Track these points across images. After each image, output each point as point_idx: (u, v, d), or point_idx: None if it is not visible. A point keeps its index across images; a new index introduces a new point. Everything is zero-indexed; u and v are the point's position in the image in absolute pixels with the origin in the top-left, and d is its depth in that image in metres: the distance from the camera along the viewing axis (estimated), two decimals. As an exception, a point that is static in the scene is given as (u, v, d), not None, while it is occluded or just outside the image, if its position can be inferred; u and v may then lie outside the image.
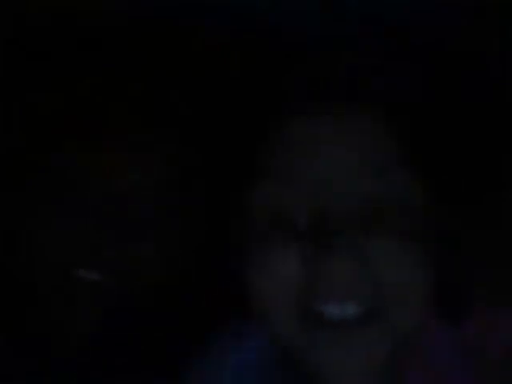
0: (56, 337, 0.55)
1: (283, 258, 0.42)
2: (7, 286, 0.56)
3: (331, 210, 0.41)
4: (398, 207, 0.42)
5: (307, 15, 0.45)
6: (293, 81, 0.44)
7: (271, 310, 0.43)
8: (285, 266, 0.42)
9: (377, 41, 0.45)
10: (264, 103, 0.46)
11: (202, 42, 0.52)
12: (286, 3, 0.46)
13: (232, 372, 0.52)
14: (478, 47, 0.48)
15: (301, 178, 0.42)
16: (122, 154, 0.54)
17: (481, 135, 0.50)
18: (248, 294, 0.44)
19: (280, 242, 0.42)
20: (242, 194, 0.45)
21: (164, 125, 0.55)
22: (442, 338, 0.48)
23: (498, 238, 0.53)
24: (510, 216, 0.53)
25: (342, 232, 0.40)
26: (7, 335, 0.56)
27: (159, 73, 0.54)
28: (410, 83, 0.44)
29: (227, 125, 0.49)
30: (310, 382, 0.44)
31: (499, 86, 0.51)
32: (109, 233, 0.53)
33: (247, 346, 0.53)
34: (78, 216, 0.53)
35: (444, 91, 0.46)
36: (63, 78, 0.56)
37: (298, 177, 0.42)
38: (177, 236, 0.56)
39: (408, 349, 0.46)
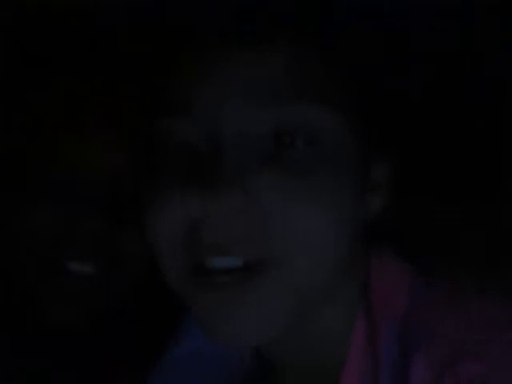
0: (52, 333, 0.55)
1: (166, 201, 0.37)
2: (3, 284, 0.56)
3: (224, 138, 0.36)
4: (301, 142, 0.36)
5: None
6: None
7: (161, 259, 0.39)
8: (167, 210, 0.37)
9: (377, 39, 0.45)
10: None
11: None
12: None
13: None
14: (478, 47, 0.48)
15: (195, 105, 0.37)
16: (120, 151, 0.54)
17: (480, 136, 0.50)
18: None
19: (167, 181, 0.38)
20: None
21: None
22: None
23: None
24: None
25: (231, 169, 0.35)
26: (6, 335, 0.56)
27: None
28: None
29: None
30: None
31: (499, 85, 0.51)
32: (100, 224, 0.53)
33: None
34: (68, 207, 0.53)
35: (443, 91, 0.46)
36: (63, 77, 0.56)
37: (193, 105, 0.37)
38: None
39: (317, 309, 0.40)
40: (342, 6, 0.42)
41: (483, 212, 0.53)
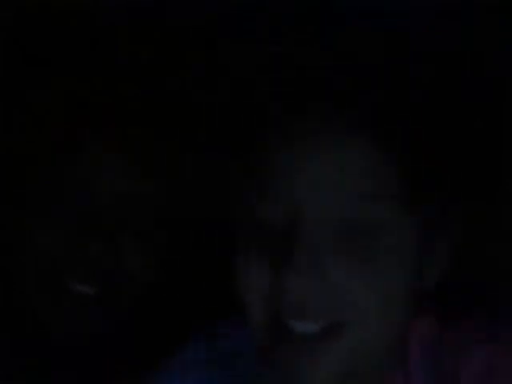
0: (53, 339, 0.56)
1: (252, 269, 0.42)
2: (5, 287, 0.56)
3: (305, 222, 0.40)
4: (377, 233, 0.41)
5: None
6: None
7: (249, 317, 0.44)
8: (252, 276, 0.42)
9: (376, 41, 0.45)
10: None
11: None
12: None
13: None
14: (478, 47, 0.48)
15: (281, 193, 0.42)
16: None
17: (480, 136, 0.50)
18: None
19: (253, 253, 0.43)
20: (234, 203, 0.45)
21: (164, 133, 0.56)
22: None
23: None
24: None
25: (308, 250, 0.40)
26: (7, 335, 0.56)
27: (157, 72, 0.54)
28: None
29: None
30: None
31: (499, 85, 0.51)
32: (102, 247, 0.53)
33: (222, 344, 0.52)
34: (69, 230, 0.53)
35: (444, 92, 0.46)
36: (63, 77, 0.56)
37: (280, 193, 0.42)
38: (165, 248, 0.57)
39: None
40: (342, 6, 0.42)
41: (483, 212, 0.53)
